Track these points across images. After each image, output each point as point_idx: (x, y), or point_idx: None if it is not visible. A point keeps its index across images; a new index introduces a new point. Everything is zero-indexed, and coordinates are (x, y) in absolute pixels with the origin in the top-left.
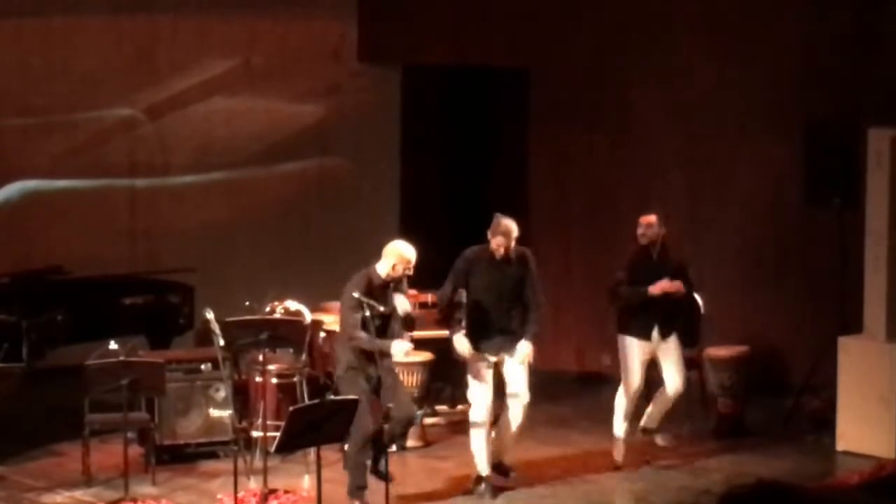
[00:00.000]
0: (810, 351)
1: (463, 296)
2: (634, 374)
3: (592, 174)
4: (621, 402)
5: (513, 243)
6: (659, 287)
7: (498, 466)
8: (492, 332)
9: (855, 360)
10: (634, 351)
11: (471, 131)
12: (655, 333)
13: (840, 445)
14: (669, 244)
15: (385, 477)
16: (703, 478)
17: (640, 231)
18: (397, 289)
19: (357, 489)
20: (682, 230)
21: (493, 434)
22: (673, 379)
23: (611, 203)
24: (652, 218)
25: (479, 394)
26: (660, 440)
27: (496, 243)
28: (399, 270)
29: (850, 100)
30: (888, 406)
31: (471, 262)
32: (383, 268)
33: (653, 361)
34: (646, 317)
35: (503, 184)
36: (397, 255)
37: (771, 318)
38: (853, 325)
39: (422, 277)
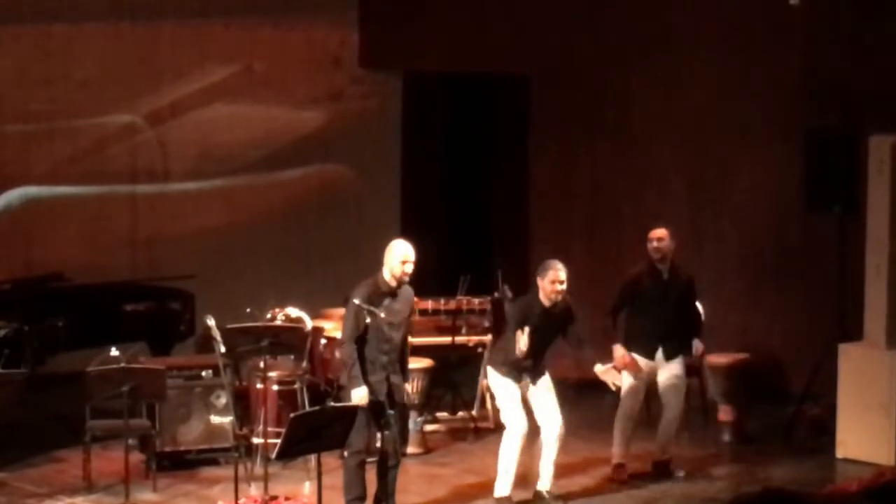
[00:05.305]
0: (811, 358)
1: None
2: (635, 391)
3: (593, 181)
4: (620, 425)
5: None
6: (621, 362)
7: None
8: (521, 368)
9: (855, 368)
10: (639, 366)
11: (471, 138)
12: (659, 354)
13: (840, 452)
14: (678, 260)
15: None
16: (704, 485)
17: (653, 245)
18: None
19: (355, 500)
20: (683, 238)
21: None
22: (673, 403)
23: (612, 210)
24: (663, 231)
25: (514, 415)
26: (675, 472)
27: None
28: (403, 270)
29: (850, 107)
30: (888, 413)
31: (527, 316)
32: (388, 272)
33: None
34: (651, 336)
35: (504, 190)
36: (395, 255)
37: (771, 326)
38: (854, 332)
39: (423, 283)
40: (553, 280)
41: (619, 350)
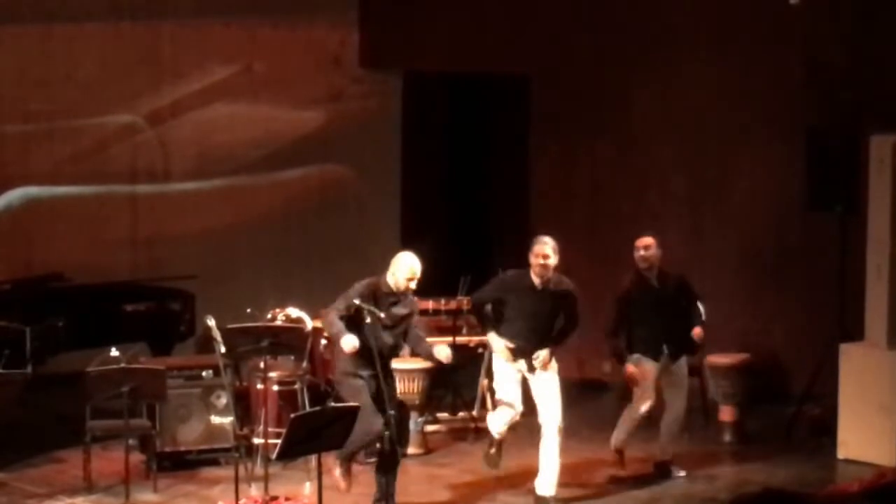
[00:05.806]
0: (811, 358)
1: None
2: (649, 390)
3: (593, 181)
4: (629, 418)
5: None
6: (638, 377)
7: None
8: (518, 350)
9: (856, 368)
10: (647, 368)
11: (471, 137)
12: (665, 355)
13: (841, 453)
14: (666, 266)
15: None
16: (705, 486)
17: (639, 254)
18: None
19: (345, 456)
20: (683, 238)
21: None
22: (676, 403)
23: (612, 210)
24: (650, 240)
25: (506, 400)
26: (675, 472)
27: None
28: (408, 285)
29: (850, 107)
30: (889, 414)
31: (510, 287)
32: (391, 279)
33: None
34: (651, 342)
35: (504, 190)
36: (402, 269)
37: (772, 326)
38: (854, 332)
39: (423, 283)
40: (537, 254)
41: (630, 370)
